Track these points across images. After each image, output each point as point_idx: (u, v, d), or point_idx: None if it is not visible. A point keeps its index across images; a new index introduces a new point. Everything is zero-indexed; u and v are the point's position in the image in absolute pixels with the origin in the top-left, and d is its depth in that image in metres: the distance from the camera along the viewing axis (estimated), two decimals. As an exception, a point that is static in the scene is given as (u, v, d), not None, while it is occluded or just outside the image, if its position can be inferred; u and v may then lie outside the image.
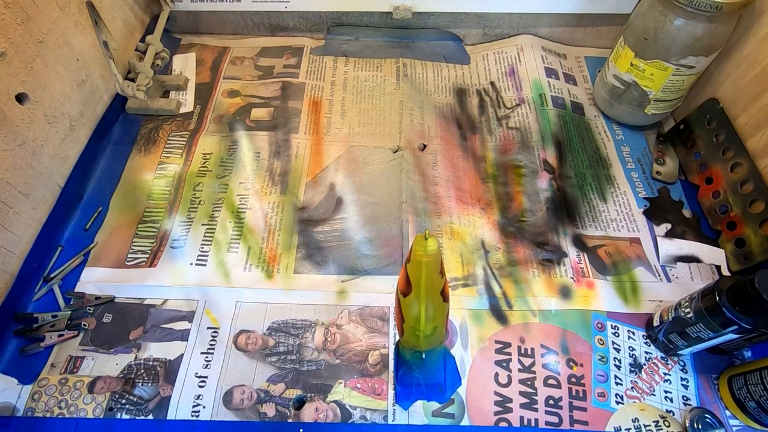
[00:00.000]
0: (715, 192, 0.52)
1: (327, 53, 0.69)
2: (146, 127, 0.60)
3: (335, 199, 0.54)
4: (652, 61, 0.52)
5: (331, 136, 0.60)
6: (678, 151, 0.57)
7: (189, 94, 0.63)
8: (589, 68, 0.68)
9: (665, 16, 0.49)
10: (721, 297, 0.37)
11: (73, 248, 0.49)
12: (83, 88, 0.54)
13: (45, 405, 0.40)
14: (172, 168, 0.56)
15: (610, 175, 0.56)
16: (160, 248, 0.49)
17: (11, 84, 0.44)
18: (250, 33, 0.71)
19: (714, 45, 0.49)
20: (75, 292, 0.46)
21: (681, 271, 0.49)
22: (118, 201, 0.53)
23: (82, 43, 0.53)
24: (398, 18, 0.66)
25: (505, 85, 0.65)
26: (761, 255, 0.45)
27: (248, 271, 0.48)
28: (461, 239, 0.51)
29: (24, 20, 0.45)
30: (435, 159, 0.57)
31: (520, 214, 0.53)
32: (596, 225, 0.52)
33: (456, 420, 0.40)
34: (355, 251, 0.50)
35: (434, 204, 0.53)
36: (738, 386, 0.40)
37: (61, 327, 0.44)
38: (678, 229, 0.51)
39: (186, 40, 0.70)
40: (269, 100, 0.63)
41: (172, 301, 0.46)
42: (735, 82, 0.52)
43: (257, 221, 0.52)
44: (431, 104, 0.63)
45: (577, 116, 0.62)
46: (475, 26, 0.69)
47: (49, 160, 0.49)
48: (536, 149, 0.58)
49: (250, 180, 0.55)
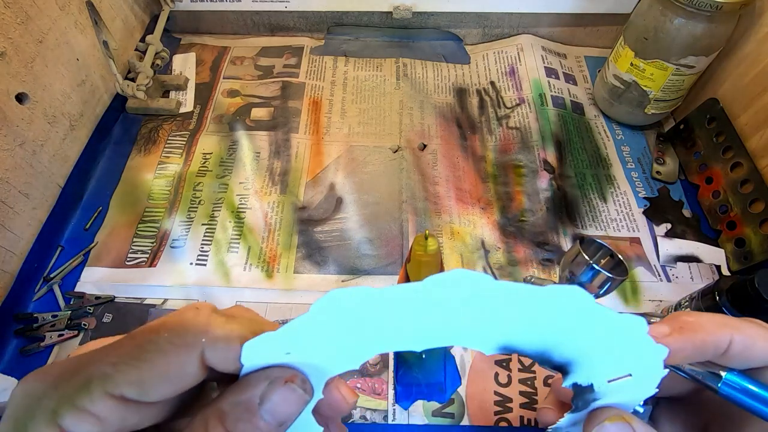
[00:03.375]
0: (715, 192, 0.52)
1: (327, 53, 0.69)
2: (146, 126, 0.60)
3: (335, 198, 0.54)
4: (652, 61, 0.52)
5: (331, 136, 0.60)
6: (678, 150, 0.57)
7: (189, 93, 0.63)
8: (589, 68, 0.68)
9: (665, 15, 0.49)
10: (721, 297, 0.37)
11: (73, 248, 0.49)
12: (83, 88, 0.54)
13: (45, 405, 0.40)
14: (172, 168, 0.56)
15: (610, 174, 0.56)
16: (160, 248, 0.49)
17: (11, 84, 0.44)
18: (250, 33, 0.71)
19: (714, 45, 0.49)
20: (75, 292, 0.46)
21: (681, 270, 0.49)
22: (118, 201, 0.53)
23: (82, 43, 0.53)
24: (398, 18, 0.66)
25: (505, 85, 0.65)
26: (761, 255, 0.45)
27: (248, 271, 0.48)
28: (461, 239, 0.51)
29: (24, 20, 0.45)
30: (435, 159, 0.57)
31: (520, 213, 0.53)
32: (596, 225, 0.52)
33: (456, 420, 0.40)
34: (355, 251, 0.50)
35: (434, 203, 0.53)
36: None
37: (61, 327, 0.44)
38: (678, 228, 0.51)
39: (186, 40, 0.70)
40: (269, 100, 0.63)
41: (172, 300, 0.46)
42: (735, 82, 0.52)
43: (257, 221, 0.52)
44: (431, 104, 0.63)
45: (577, 116, 0.62)
46: (475, 26, 0.69)
47: (49, 160, 0.49)
48: (536, 149, 0.58)
49: (250, 180, 0.55)
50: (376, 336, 0.16)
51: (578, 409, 0.19)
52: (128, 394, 0.14)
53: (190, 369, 0.15)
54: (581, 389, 0.18)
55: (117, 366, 0.14)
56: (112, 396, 0.14)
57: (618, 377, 0.18)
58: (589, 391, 0.18)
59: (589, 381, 0.18)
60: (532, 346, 0.17)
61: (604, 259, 0.33)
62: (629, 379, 0.18)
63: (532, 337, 0.17)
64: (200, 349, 0.15)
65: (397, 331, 0.16)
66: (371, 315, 0.15)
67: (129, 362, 0.14)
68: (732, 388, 0.18)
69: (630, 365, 0.18)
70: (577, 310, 0.16)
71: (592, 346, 0.17)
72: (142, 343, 0.15)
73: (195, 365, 0.15)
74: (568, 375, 0.18)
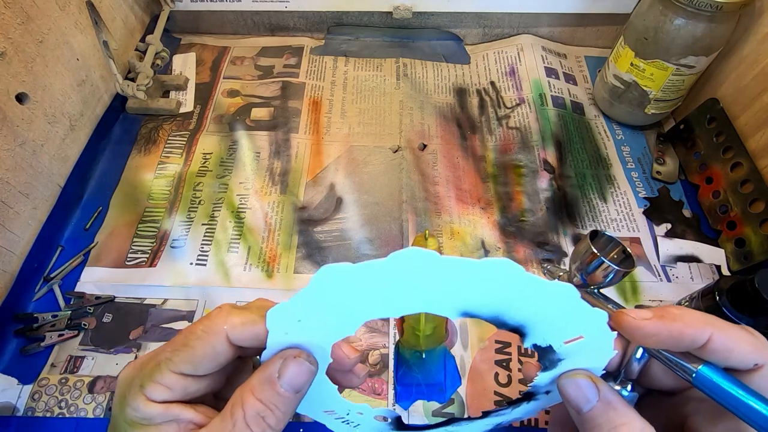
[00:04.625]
0: (715, 192, 0.52)
1: (327, 53, 0.69)
2: (146, 126, 0.60)
3: (335, 198, 0.54)
4: (652, 61, 0.52)
5: (331, 136, 0.60)
6: (678, 150, 0.57)
7: (189, 93, 0.63)
8: (589, 68, 0.68)
9: (665, 15, 0.49)
10: (721, 297, 0.37)
11: (73, 248, 0.49)
12: (83, 88, 0.54)
13: (45, 405, 0.40)
14: (172, 168, 0.56)
15: (610, 174, 0.56)
16: (160, 248, 0.49)
17: (11, 84, 0.44)
18: (250, 33, 0.71)
19: (714, 45, 0.49)
20: (75, 292, 0.46)
21: (681, 270, 0.49)
22: (118, 201, 0.53)
23: (82, 43, 0.53)
24: (398, 18, 0.66)
25: (505, 85, 0.65)
26: (761, 255, 0.45)
27: (248, 271, 0.48)
28: (461, 239, 0.51)
29: (24, 20, 0.45)
30: (435, 159, 0.57)
31: (520, 213, 0.53)
32: (596, 225, 0.52)
33: (456, 420, 0.40)
34: (355, 251, 0.50)
35: (434, 203, 0.53)
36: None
37: (61, 327, 0.44)
38: (678, 228, 0.51)
39: (186, 40, 0.70)
40: (269, 100, 0.63)
41: (172, 300, 0.46)
42: (735, 82, 0.52)
43: (257, 221, 0.52)
44: (431, 104, 0.63)
45: (577, 116, 0.62)
46: (475, 26, 0.69)
47: (49, 160, 0.49)
48: (536, 149, 0.58)
49: (250, 180, 0.55)
50: (362, 305, 0.20)
51: (547, 368, 0.21)
52: (185, 370, 0.21)
53: (221, 349, 0.21)
54: (542, 350, 0.21)
55: (174, 352, 0.21)
56: (174, 372, 0.21)
57: (572, 339, 0.20)
58: (551, 352, 0.21)
59: (546, 342, 0.20)
60: (486, 311, 0.20)
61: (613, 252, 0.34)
62: (584, 341, 0.20)
63: (485, 304, 0.19)
64: (224, 333, 0.21)
65: (377, 300, 0.19)
66: (355, 287, 0.19)
67: (181, 349, 0.21)
68: (706, 379, 0.19)
69: (578, 329, 0.20)
70: (512, 279, 0.18)
71: (536, 311, 0.19)
72: (187, 336, 0.21)
73: (224, 345, 0.21)
74: (525, 337, 0.20)
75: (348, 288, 0.19)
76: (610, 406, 0.20)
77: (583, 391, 0.20)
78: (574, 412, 0.21)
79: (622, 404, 0.20)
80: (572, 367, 0.21)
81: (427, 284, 0.18)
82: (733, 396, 0.19)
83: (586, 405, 0.20)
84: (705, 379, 0.19)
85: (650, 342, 0.20)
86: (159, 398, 0.21)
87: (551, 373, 0.22)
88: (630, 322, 0.20)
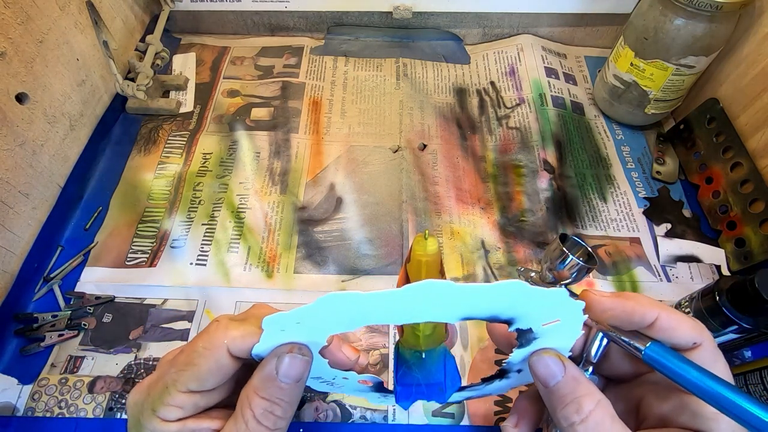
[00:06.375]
0: (715, 192, 0.52)
1: (327, 53, 0.69)
2: (146, 126, 0.60)
3: (335, 198, 0.54)
4: (652, 61, 0.52)
5: (331, 136, 0.60)
6: (678, 150, 0.57)
7: (189, 93, 0.63)
8: (589, 68, 0.68)
9: (665, 15, 0.49)
10: (721, 297, 0.37)
11: (73, 248, 0.49)
12: (83, 88, 0.54)
13: (45, 405, 0.40)
14: (172, 168, 0.56)
15: (610, 174, 0.56)
16: (160, 248, 0.49)
17: (11, 84, 0.44)
18: (250, 33, 0.71)
19: (714, 45, 0.49)
20: (75, 292, 0.46)
21: (681, 270, 0.49)
22: (118, 201, 0.53)
23: (82, 43, 0.53)
24: (398, 18, 0.66)
25: (505, 85, 0.65)
26: (761, 255, 0.45)
27: (248, 271, 0.48)
28: (461, 239, 0.51)
29: (24, 20, 0.45)
30: (435, 159, 0.57)
31: (520, 213, 0.53)
32: (596, 225, 0.52)
33: (456, 420, 0.40)
34: (355, 251, 0.50)
35: (434, 203, 0.53)
36: (738, 386, 0.40)
37: (61, 327, 0.44)
38: (678, 228, 0.51)
39: (186, 40, 0.70)
40: (269, 100, 0.63)
41: (172, 300, 0.46)
42: (735, 82, 0.52)
43: (257, 221, 0.52)
44: (431, 104, 0.63)
45: (577, 116, 0.62)
46: (475, 26, 0.69)
47: (49, 160, 0.49)
48: (536, 149, 0.58)
49: (250, 180, 0.55)
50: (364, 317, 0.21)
51: (522, 346, 0.24)
52: (192, 387, 0.22)
53: (224, 362, 0.22)
54: (522, 331, 0.23)
55: (179, 373, 0.22)
56: (182, 392, 0.22)
57: (550, 321, 0.22)
58: (530, 332, 0.23)
59: (528, 326, 0.23)
60: (485, 314, 0.22)
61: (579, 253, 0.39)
62: (559, 323, 0.22)
63: (486, 309, 0.21)
64: (225, 347, 0.22)
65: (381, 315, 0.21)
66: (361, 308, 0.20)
67: (185, 368, 0.22)
68: (654, 354, 0.22)
69: (557, 314, 0.22)
70: (518, 293, 0.20)
71: (529, 309, 0.22)
72: (189, 354, 0.22)
73: (227, 359, 0.22)
74: (512, 325, 0.23)
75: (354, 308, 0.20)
76: (575, 380, 0.22)
77: (551, 368, 0.23)
78: (542, 386, 0.23)
79: (584, 379, 0.23)
80: (544, 345, 0.24)
81: (436, 304, 0.20)
82: (676, 368, 0.22)
83: (553, 380, 0.22)
84: (653, 354, 0.22)
85: (607, 315, 0.23)
86: (173, 418, 0.22)
87: (524, 351, 0.24)
88: (592, 297, 0.24)
